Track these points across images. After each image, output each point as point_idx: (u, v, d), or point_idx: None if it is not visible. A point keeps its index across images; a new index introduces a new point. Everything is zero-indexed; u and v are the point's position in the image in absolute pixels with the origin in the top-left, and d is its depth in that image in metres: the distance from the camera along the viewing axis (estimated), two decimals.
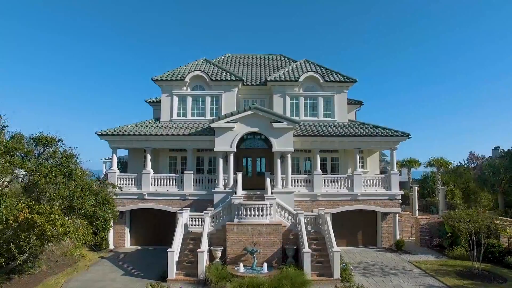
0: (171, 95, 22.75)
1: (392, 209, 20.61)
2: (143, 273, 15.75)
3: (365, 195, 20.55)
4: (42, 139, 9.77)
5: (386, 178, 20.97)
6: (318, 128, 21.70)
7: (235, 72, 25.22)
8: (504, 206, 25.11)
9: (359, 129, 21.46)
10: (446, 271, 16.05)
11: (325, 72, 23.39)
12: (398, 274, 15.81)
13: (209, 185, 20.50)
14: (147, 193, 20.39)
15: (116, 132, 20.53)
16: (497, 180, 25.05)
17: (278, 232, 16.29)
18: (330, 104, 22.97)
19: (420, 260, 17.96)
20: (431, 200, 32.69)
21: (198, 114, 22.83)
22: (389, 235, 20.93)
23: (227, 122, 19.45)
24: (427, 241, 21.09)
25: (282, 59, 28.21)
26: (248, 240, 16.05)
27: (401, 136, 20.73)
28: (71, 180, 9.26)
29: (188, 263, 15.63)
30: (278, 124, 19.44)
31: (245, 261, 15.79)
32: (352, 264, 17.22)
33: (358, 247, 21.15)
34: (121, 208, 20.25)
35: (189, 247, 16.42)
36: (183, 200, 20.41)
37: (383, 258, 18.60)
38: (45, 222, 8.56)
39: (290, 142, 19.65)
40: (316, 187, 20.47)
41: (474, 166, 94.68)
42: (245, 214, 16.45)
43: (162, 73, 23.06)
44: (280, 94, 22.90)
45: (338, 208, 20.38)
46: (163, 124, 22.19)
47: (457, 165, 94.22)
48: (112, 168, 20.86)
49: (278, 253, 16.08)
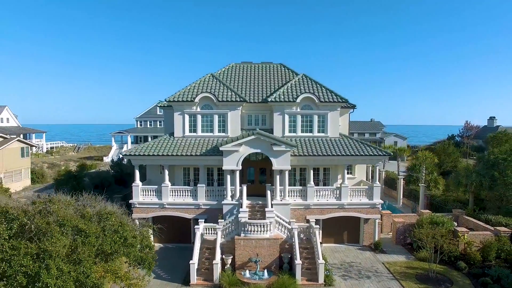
0: (183, 113, 25.66)
1: (373, 216, 24.50)
2: (170, 276, 20.05)
3: (351, 204, 24.32)
4: (104, 213, 13.07)
5: (369, 189, 24.55)
6: (312, 144, 24.87)
7: (238, 87, 27.89)
8: (473, 205, 28.88)
9: (348, 146, 24.63)
10: (409, 274, 20.24)
11: (320, 92, 25.94)
12: (370, 277, 20.05)
13: (219, 196, 24.22)
14: (167, 203, 24.21)
15: (137, 152, 23.85)
16: (469, 182, 28.57)
17: (276, 244, 20.30)
18: (323, 121, 25.88)
19: (391, 261, 22.17)
20: (415, 188, 36.37)
21: (207, 130, 25.90)
22: (369, 235, 25.04)
23: (233, 146, 22.68)
24: (401, 240, 25.24)
25: (282, 69, 30.48)
26: (252, 251, 20.12)
27: (384, 155, 23.96)
28: (125, 242, 12.71)
29: (205, 269, 19.87)
30: (278, 147, 22.66)
31: (250, 267, 19.99)
32: (336, 265, 21.54)
33: (344, 244, 25.36)
34: (145, 215, 24.27)
35: (205, 255, 20.60)
36: (197, 208, 24.28)
37: (362, 258, 22.83)
38: (115, 278, 12.29)
39: (288, 161, 23.02)
40: (309, 197, 24.18)
41: (468, 135, 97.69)
42: (249, 230, 20.34)
43: (174, 93, 25.76)
44: (279, 112, 25.74)
45: (328, 215, 24.29)
46: (177, 140, 25.37)
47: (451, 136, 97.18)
48: (136, 182, 24.46)
49: (276, 261, 20.22)
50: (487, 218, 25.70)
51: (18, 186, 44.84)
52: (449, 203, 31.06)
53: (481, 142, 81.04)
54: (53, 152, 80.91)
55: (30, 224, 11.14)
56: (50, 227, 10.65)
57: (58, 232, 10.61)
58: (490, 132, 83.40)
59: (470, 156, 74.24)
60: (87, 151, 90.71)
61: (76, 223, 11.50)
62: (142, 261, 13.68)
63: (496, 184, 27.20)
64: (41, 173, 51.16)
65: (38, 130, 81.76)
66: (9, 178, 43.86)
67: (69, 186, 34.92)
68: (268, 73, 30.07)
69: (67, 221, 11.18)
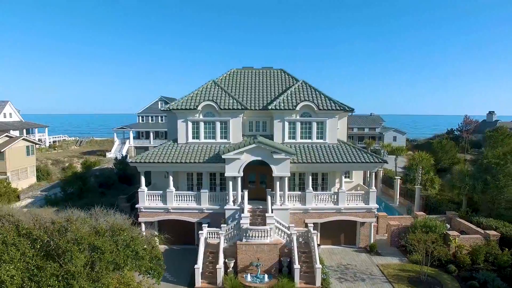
0: (186, 121, 26.51)
1: (369, 219, 25.60)
2: (176, 279, 21.25)
3: (347, 209, 25.37)
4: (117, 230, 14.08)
5: (366, 194, 25.58)
6: (311, 151, 25.80)
7: (239, 93, 28.70)
8: (466, 207, 29.96)
9: (346, 153, 25.55)
10: (401, 277, 21.43)
11: (319, 99, 26.72)
12: (365, 280, 21.24)
13: (221, 201, 25.26)
14: (171, 207, 25.27)
15: (143, 160, 24.80)
16: (463, 185, 29.58)
17: (276, 249, 21.43)
18: (322, 128, 26.73)
19: (385, 264, 23.35)
20: (412, 188, 37.40)
21: (209, 137, 26.79)
22: (365, 238, 26.17)
23: (235, 154, 23.61)
24: (396, 242, 26.37)
25: (282, 75, 31.20)
26: (253, 255, 21.26)
27: (380, 162, 24.90)
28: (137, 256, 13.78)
29: (209, 273, 21.05)
30: (278, 155, 23.59)
31: (251, 270, 21.14)
32: (333, 267, 22.73)
33: (341, 246, 26.52)
34: (151, 219, 25.39)
35: (209, 259, 21.76)
36: (200, 212, 25.36)
37: (358, 261, 24.01)
38: None
39: (287, 168, 23.99)
40: (308, 202, 25.22)
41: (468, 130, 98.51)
42: (251, 236, 21.44)
43: (177, 100, 26.58)
44: (279, 119, 26.58)
45: (326, 218, 25.39)
46: (181, 147, 26.28)
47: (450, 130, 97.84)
48: (142, 188, 25.48)
49: (276, 264, 21.38)
50: (479, 220, 26.78)
51: (24, 184, 46.01)
52: (443, 204, 32.13)
53: (480, 137, 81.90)
54: (55, 146, 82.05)
55: (50, 242, 12.17)
56: (69, 246, 11.68)
57: (77, 251, 11.64)
58: (489, 127, 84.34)
59: (468, 152, 75.27)
60: (89, 145, 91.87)
61: (92, 240, 12.54)
62: (152, 270, 14.80)
63: (488, 188, 28.22)
64: (46, 170, 52.28)
65: (40, 125, 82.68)
66: (16, 176, 44.99)
67: (75, 187, 36.08)
68: (269, 79, 30.78)
69: (84, 239, 12.21)
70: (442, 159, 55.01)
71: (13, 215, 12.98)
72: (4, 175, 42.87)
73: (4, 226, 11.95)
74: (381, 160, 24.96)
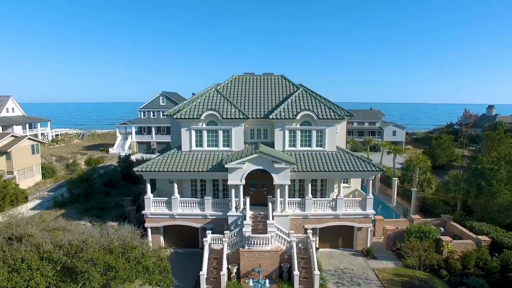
0: (189, 129, 27.31)
1: (365, 225, 26.68)
2: (181, 284, 22.38)
3: (345, 214, 26.43)
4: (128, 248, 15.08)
5: (363, 201, 26.58)
6: (311, 159, 26.68)
7: (241, 101, 29.39)
8: (461, 210, 31.02)
9: (344, 161, 26.42)
10: (395, 282, 22.62)
11: (319, 108, 27.44)
12: (361, 284, 22.44)
13: (224, 207, 26.30)
14: (176, 213, 26.32)
15: (149, 168, 25.71)
16: (458, 189, 30.55)
17: (277, 256, 22.56)
18: (321, 136, 27.54)
19: (381, 268, 24.52)
20: (409, 188, 38.42)
21: (212, 145, 27.63)
22: (362, 241, 27.31)
23: (237, 163, 24.50)
24: (391, 245, 27.52)
25: (283, 81, 31.80)
26: (255, 261, 22.40)
27: (377, 171, 25.81)
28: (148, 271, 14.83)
29: (213, 278, 22.22)
30: (278, 164, 24.49)
31: (253, 276, 22.33)
32: (330, 271, 23.93)
33: (339, 249, 27.70)
34: (157, 224, 26.50)
35: (213, 265, 22.92)
36: (204, 218, 26.43)
37: (354, 264, 25.18)
38: None
39: (287, 177, 24.92)
40: (307, 208, 26.25)
41: (467, 124, 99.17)
42: (253, 243, 22.53)
43: (180, 109, 27.28)
44: (280, 128, 27.36)
45: (324, 224, 26.48)
46: (185, 155, 27.15)
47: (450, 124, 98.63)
48: (147, 194, 26.48)
49: (276, 270, 22.54)
50: (472, 225, 27.85)
51: (31, 182, 47.13)
52: (439, 206, 33.18)
53: (479, 131, 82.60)
54: (58, 140, 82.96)
55: (68, 261, 13.18)
56: (87, 267, 12.68)
57: (94, 271, 12.66)
58: (488, 121, 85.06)
59: (466, 147, 76.18)
60: (91, 139, 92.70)
61: (107, 259, 13.54)
62: (162, 282, 15.91)
63: (482, 193, 29.20)
64: (51, 168, 53.32)
65: (42, 119, 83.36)
66: (22, 175, 46.04)
67: (81, 189, 37.16)
68: (269, 86, 31.39)
69: (100, 260, 13.21)
70: (440, 156, 56.03)
71: (32, 235, 13.91)
72: (11, 175, 43.94)
73: (27, 251, 12.92)
74: (377, 169, 25.85)
